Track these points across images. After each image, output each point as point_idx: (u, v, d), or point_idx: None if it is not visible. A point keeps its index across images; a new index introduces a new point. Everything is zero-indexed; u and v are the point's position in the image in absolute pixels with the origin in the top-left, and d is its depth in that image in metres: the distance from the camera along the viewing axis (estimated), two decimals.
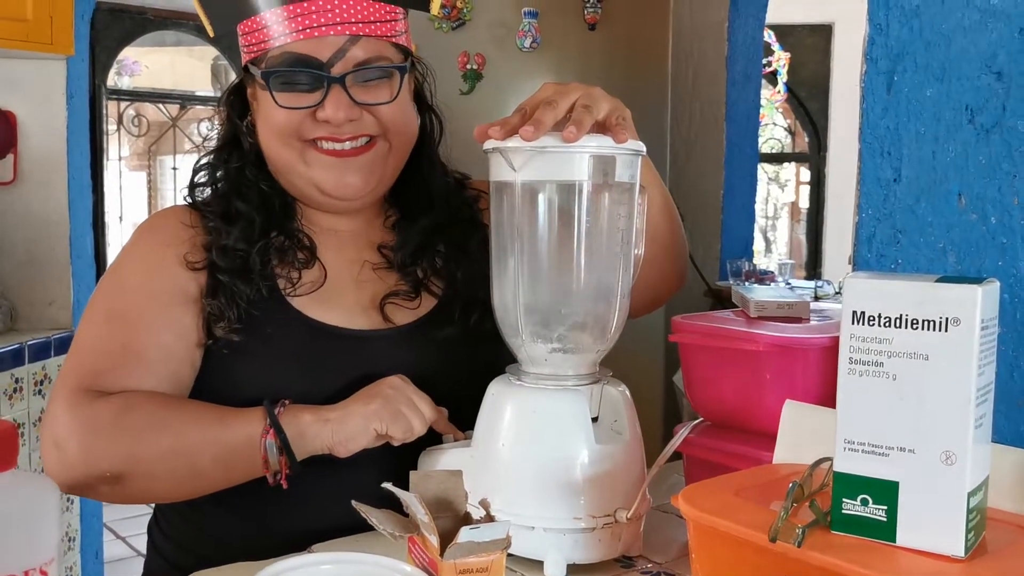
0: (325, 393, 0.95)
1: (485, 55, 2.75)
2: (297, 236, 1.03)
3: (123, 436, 0.89)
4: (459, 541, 0.61)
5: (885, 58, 0.88)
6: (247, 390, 0.96)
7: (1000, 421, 0.81)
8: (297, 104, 0.97)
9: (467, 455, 0.87)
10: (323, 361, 0.98)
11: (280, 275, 1.00)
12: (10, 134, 2.27)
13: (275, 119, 0.98)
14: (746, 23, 3.34)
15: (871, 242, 0.90)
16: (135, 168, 5.18)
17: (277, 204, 1.03)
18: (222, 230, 1.00)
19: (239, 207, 1.01)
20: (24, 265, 2.33)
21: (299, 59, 0.96)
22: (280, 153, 1.00)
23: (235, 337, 0.96)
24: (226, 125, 1.07)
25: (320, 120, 0.97)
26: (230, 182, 1.04)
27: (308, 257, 1.02)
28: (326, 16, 0.95)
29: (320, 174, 1.00)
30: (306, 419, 0.89)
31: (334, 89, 0.96)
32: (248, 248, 0.99)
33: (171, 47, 5.21)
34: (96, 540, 2.54)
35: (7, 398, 2.10)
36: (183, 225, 1.01)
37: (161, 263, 0.99)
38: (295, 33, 0.95)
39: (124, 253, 1.03)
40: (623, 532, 0.82)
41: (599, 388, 0.85)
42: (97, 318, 0.98)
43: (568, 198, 0.82)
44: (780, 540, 0.57)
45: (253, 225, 1.00)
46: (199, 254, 0.99)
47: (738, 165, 3.36)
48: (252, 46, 0.99)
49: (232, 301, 0.96)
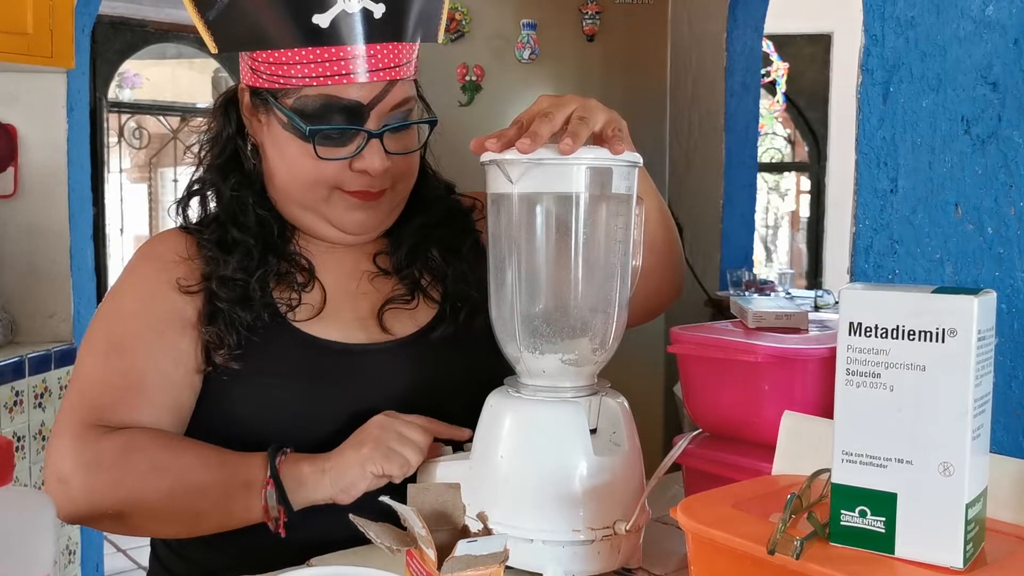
0: (325, 411, 0.95)
1: (484, 67, 2.76)
2: (295, 259, 1.02)
3: (125, 478, 0.90)
4: (456, 555, 0.60)
5: (881, 69, 0.89)
6: (246, 414, 0.96)
7: (998, 431, 0.81)
8: (334, 155, 0.95)
9: (466, 467, 0.87)
10: (322, 377, 0.98)
11: (280, 300, 0.99)
12: (11, 147, 2.27)
13: (306, 166, 0.96)
14: (744, 33, 3.35)
15: (868, 253, 0.90)
16: (136, 180, 5.19)
17: (275, 229, 1.02)
18: (220, 259, 0.98)
19: (235, 236, 0.99)
20: (25, 278, 2.34)
21: (340, 106, 0.93)
22: (303, 195, 0.98)
23: (234, 365, 0.95)
24: (221, 141, 1.03)
25: (356, 170, 0.95)
26: (226, 209, 1.01)
27: (307, 279, 1.01)
28: (369, 62, 0.92)
29: (338, 214, 0.99)
30: (305, 470, 0.89)
31: (372, 142, 0.95)
32: (247, 277, 0.97)
33: (172, 59, 5.23)
34: (96, 553, 2.53)
35: (7, 411, 2.10)
36: (181, 251, 1.00)
37: (157, 289, 0.98)
38: (335, 77, 0.92)
39: (122, 279, 1.02)
40: (622, 544, 0.82)
41: (597, 400, 0.85)
42: (97, 348, 0.98)
43: (565, 210, 0.83)
44: (778, 552, 0.57)
45: (251, 253, 0.99)
46: (195, 279, 0.98)
47: (737, 175, 3.37)
48: (274, 77, 0.94)
49: (232, 328, 0.95)
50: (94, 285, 2.52)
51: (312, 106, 0.93)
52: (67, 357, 2.32)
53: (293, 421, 0.96)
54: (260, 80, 0.96)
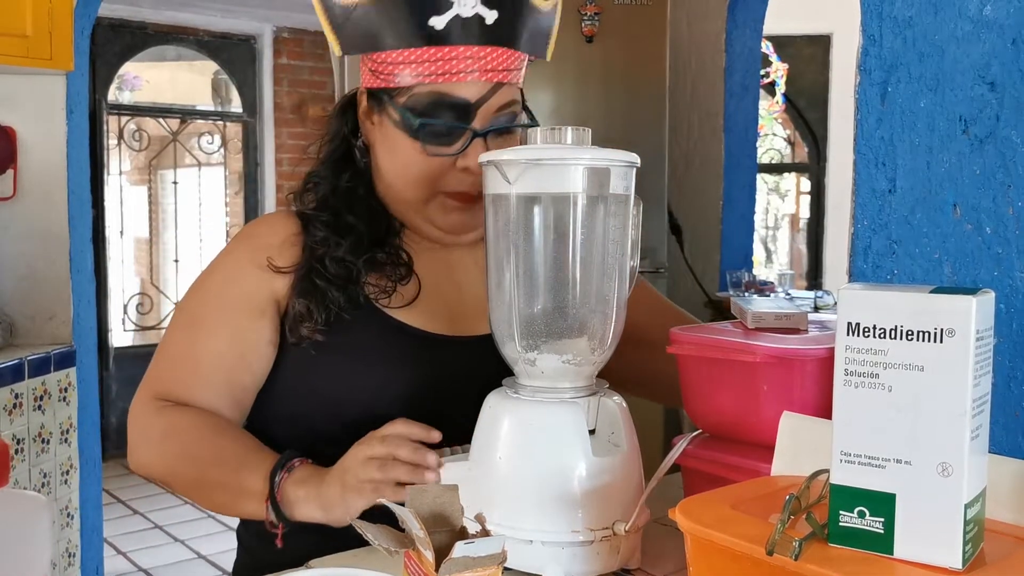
0: (399, 392, 0.99)
1: None
2: (397, 253, 1.06)
3: (165, 458, 1.01)
4: (454, 556, 0.60)
5: (879, 69, 0.88)
6: (327, 388, 1.01)
7: (997, 432, 0.81)
8: (440, 152, 1.00)
9: (465, 468, 0.86)
10: (400, 360, 1.01)
11: (375, 286, 1.03)
12: (10, 150, 2.27)
13: (413, 162, 1.01)
14: (743, 34, 3.35)
15: (867, 253, 0.90)
16: (136, 182, 5.19)
17: (384, 223, 1.07)
18: (332, 241, 1.03)
19: (350, 220, 1.04)
20: (24, 280, 2.33)
21: (449, 102, 0.98)
22: (407, 192, 1.04)
23: (319, 337, 1.00)
24: (337, 140, 1.09)
25: (460, 168, 1.00)
26: (341, 197, 1.07)
27: (405, 273, 1.05)
28: (478, 63, 0.97)
29: (439, 215, 1.04)
30: (300, 494, 0.91)
31: (476, 141, 0.99)
32: (355, 260, 1.02)
33: (172, 62, 5.23)
34: (96, 555, 2.53)
35: (7, 413, 2.10)
36: (283, 231, 1.05)
37: (242, 269, 1.04)
38: (445, 75, 0.97)
39: (218, 256, 1.09)
40: (621, 545, 0.82)
41: (596, 400, 0.85)
42: (177, 320, 1.07)
43: (563, 210, 0.83)
44: (777, 553, 0.56)
45: (362, 240, 1.04)
46: (291, 258, 1.03)
47: (737, 176, 3.37)
48: (391, 76, 0.99)
49: (323, 305, 1.00)
50: (93, 287, 2.52)
51: (423, 103, 0.98)
52: (67, 359, 2.32)
53: (369, 398, 1.00)
54: (378, 81, 1.01)
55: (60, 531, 2.32)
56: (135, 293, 5.01)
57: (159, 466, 1.01)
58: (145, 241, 5.15)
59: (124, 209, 4.89)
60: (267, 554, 0.97)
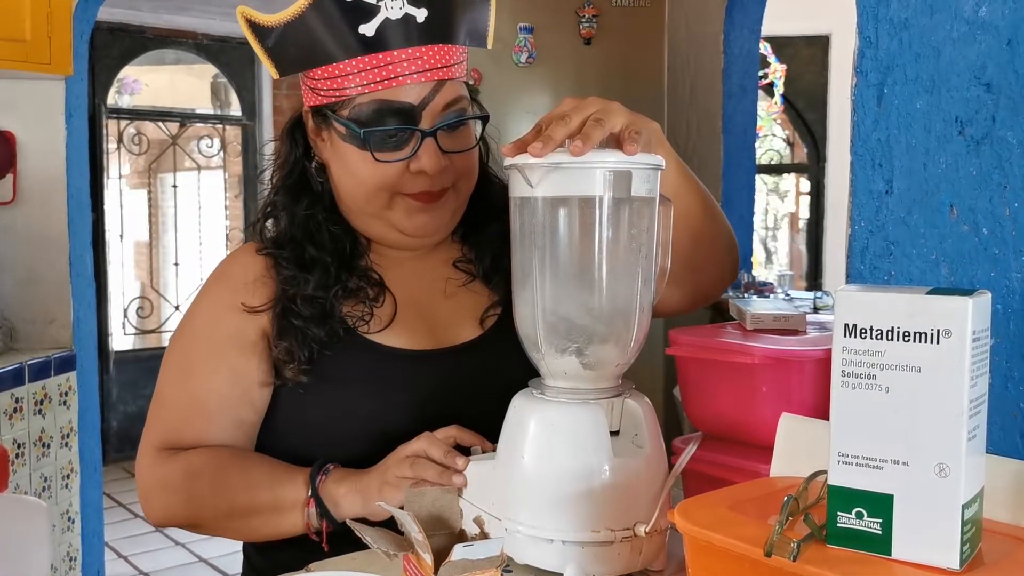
0: (394, 415, 0.98)
1: (481, 70, 2.76)
2: (367, 274, 1.05)
3: (191, 500, 0.99)
4: (453, 559, 0.60)
5: (875, 71, 0.89)
6: (319, 422, 1.00)
7: (995, 432, 0.81)
8: (391, 158, 0.98)
9: (490, 467, 0.87)
10: (390, 383, 1.00)
11: (351, 314, 1.02)
12: (9, 154, 2.28)
13: (366, 172, 0.99)
14: (741, 35, 3.35)
15: (864, 254, 0.90)
16: (136, 186, 5.19)
17: (348, 245, 1.05)
18: (300, 279, 1.01)
19: (313, 254, 1.03)
20: (24, 284, 2.34)
21: (392, 109, 0.96)
22: (368, 202, 1.01)
23: (304, 378, 0.99)
24: (289, 163, 1.07)
25: (414, 171, 0.98)
26: (301, 228, 1.05)
27: (377, 293, 1.04)
28: (415, 64, 0.95)
29: (402, 218, 1.01)
30: (341, 491, 0.92)
31: (427, 141, 0.97)
32: (325, 295, 1.01)
33: (171, 65, 5.23)
34: (98, 560, 2.53)
35: (7, 418, 2.10)
36: (253, 270, 1.04)
37: (223, 310, 1.03)
38: (384, 81, 0.95)
39: (197, 298, 1.08)
40: (643, 546, 0.82)
41: (620, 401, 0.85)
42: (170, 367, 1.05)
43: (586, 213, 0.82)
44: (775, 554, 0.57)
45: (329, 271, 1.02)
46: (263, 299, 1.02)
47: (736, 177, 3.37)
48: (331, 91, 0.98)
49: (304, 344, 0.99)
50: (93, 291, 2.52)
51: (366, 113, 0.96)
52: (67, 363, 2.32)
53: (364, 426, 0.99)
54: (319, 98, 0.99)
55: (61, 535, 2.32)
56: (135, 297, 5.01)
57: (182, 510, 1.00)
58: (145, 245, 5.15)
59: (124, 213, 4.89)
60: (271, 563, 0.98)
